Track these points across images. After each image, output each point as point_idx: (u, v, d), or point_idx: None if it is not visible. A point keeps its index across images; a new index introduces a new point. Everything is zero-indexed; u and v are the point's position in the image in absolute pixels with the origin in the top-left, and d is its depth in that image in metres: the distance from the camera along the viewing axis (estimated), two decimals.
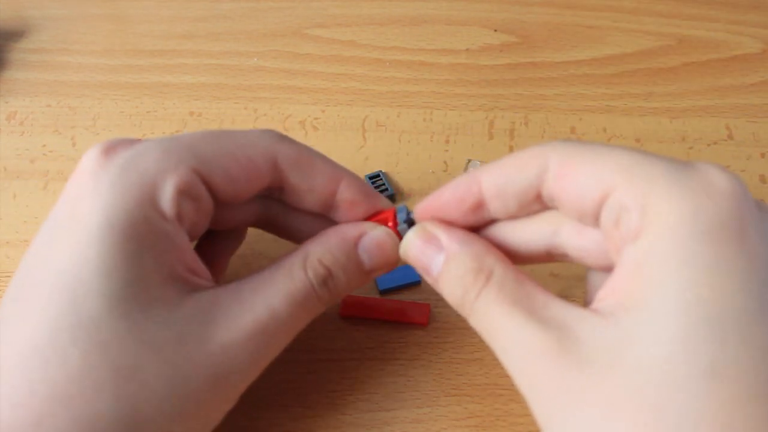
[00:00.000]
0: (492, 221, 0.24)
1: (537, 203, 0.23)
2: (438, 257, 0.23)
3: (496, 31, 0.44)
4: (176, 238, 0.22)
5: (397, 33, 0.44)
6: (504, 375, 0.29)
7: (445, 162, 0.37)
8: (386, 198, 0.27)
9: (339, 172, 0.26)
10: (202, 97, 0.40)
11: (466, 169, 0.36)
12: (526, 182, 0.22)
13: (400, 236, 0.25)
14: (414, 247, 0.24)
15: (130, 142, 0.24)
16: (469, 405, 0.28)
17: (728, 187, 0.20)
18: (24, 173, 0.37)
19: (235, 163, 0.24)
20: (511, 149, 0.37)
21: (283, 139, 0.25)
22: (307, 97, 0.40)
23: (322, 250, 0.25)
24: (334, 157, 0.37)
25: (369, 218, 0.26)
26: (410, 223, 0.25)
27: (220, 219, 0.25)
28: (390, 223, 0.26)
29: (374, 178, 0.35)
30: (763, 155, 0.37)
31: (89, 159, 0.23)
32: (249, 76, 0.41)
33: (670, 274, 0.19)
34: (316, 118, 0.39)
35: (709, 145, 0.37)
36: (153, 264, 0.22)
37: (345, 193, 0.26)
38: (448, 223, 0.24)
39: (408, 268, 0.30)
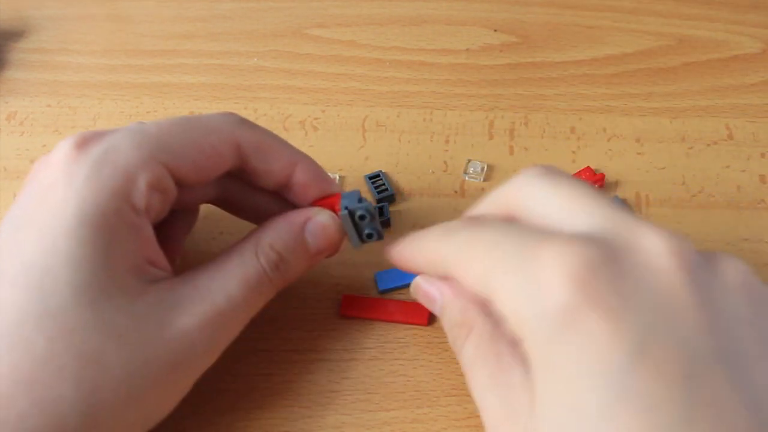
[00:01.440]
0: None
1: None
2: (438, 303, 0.26)
3: (496, 31, 0.44)
4: (143, 231, 0.24)
5: (397, 33, 0.44)
6: None
7: (445, 162, 0.37)
8: (337, 183, 0.29)
9: (295, 156, 0.27)
10: (202, 97, 0.40)
11: (466, 169, 0.36)
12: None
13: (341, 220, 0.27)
14: (420, 292, 0.27)
15: (101, 135, 0.24)
16: (469, 405, 0.28)
17: (570, 269, 0.20)
18: (24, 173, 0.37)
19: (201, 153, 0.25)
20: (511, 149, 0.37)
21: (244, 123, 0.27)
22: (307, 97, 0.40)
23: (272, 236, 0.26)
24: (334, 157, 0.37)
25: (317, 201, 0.28)
26: (353, 212, 0.27)
27: (180, 200, 0.26)
28: (335, 207, 0.27)
29: (374, 178, 0.35)
30: (763, 155, 0.37)
31: (62, 151, 0.24)
32: (249, 76, 0.41)
33: (541, 376, 0.20)
34: (316, 118, 0.39)
35: (708, 145, 0.37)
36: (120, 255, 0.23)
37: (299, 176, 0.27)
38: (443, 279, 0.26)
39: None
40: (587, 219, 0.22)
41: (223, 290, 0.24)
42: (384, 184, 0.35)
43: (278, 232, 0.26)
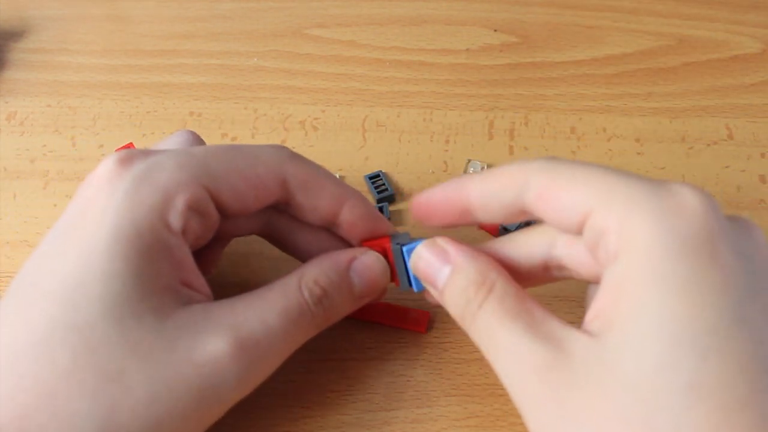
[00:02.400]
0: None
1: (522, 215, 0.24)
2: (444, 269, 0.24)
3: (496, 31, 0.44)
4: (178, 251, 0.23)
5: (397, 33, 0.44)
6: None
7: (445, 162, 0.37)
8: (388, 221, 0.28)
9: (344, 194, 0.26)
10: (202, 97, 0.40)
11: (466, 169, 0.36)
12: (508, 199, 0.23)
13: (393, 259, 0.26)
14: (422, 259, 0.25)
15: (146, 154, 0.24)
16: (469, 405, 0.28)
17: (699, 206, 0.20)
18: (24, 173, 0.37)
19: (244, 181, 0.24)
20: (511, 149, 0.37)
21: (294, 157, 0.26)
22: (307, 97, 0.40)
23: (317, 272, 0.25)
24: (334, 157, 0.37)
25: (366, 242, 0.27)
26: (406, 249, 0.26)
27: (225, 229, 0.26)
28: (386, 248, 0.27)
29: (374, 178, 0.35)
30: (763, 155, 0.37)
31: (105, 167, 0.23)
32: (249, 76, 0.41)
33: (647, 294, 0.20)
34: (316, 118, 0.39)
35: (709, 145, 0.37)
36: (153, 275, 0.22)
37: (347, 215, 0.26)
38: (456, 240, 0.25)
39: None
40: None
41: (261, 318, 0.23)
42: (384, 184, 0.35)
43: (323, 269, 0.26)
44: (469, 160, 0.36)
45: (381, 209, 0.33)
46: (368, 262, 0.26)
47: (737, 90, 0.40)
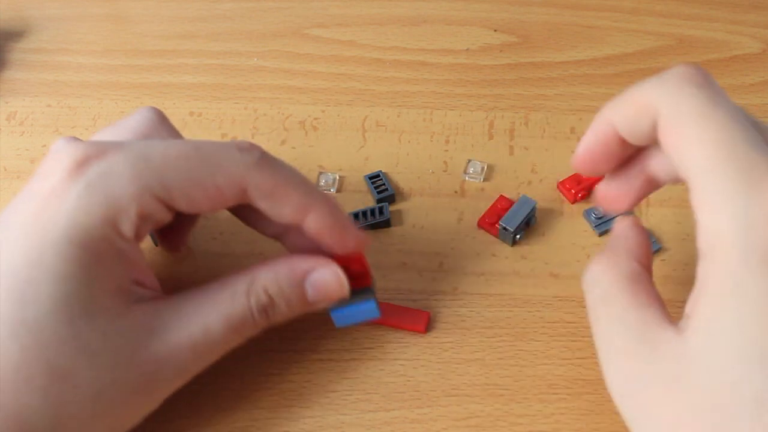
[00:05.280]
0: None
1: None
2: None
3: (496, 31, 0.44)
4: (130, 254, 0.24)
5: (397, 33, 0.44)
6: (504, 375, 0.29)
7: (445, 162, 0.37)
8: (356, 230, 0.27)
9: (309, 203, 0.25)
10: (202, 97, 0.40)
11: (466, 169, 0.36)
12: (646, 129, 0.23)
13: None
14: (618, 225, 0.27)
15: (101, 154, 0.23)
16: (469, 405, 0.28)
17: None
18: (24, 173, 0.37)
19: (201, 191, 0.24)
20: (511, 149, 0.37)
21: (260, 164, 0.25)
22: (307, 97, 0.40)
23: (269, 279, 0.25)
24: (334, 157, 0.37)
25: (336, 257, 0.26)
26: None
27: (188, 214, 0.26)
28: (352, 266, 0.26)
29: (374, 178, 0.35)
30: None
31: (61, 165, 0.23)
32: (249, 76, 0.41)
33: (723, 303, 0.20)
34: (316, 118, 0.39)
35: None
36: (105, 277, 0.23)
37: (311, 224, 0.25)
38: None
39: (365, 307, 0.28)
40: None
41: (204, 323, 0.24)
42: (384, 184, 0.35)
43: (276, 276, 0.25)
44: (469, 160, 0.36)
45: (381, 209, 0.33)
46: (326, 278, 0.26)
47: (737, 90, 0.40)
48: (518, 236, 0.32)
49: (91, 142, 0.24)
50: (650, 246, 0.26)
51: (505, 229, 0.32)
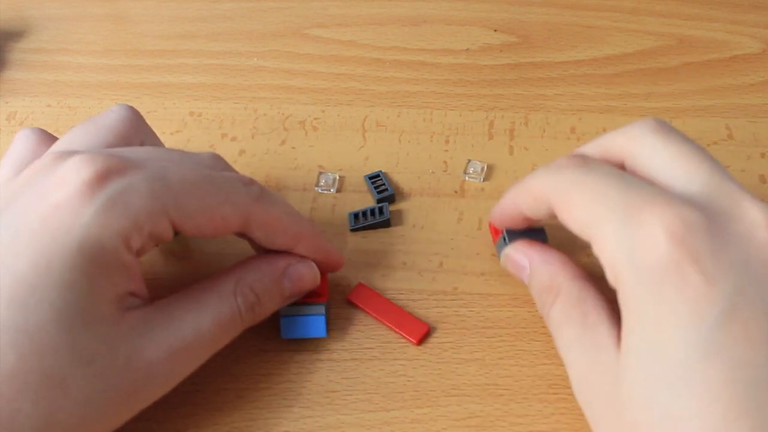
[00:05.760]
0: None
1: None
2: (525, 272, 0.28)
3: (496, 31, 0.44)
4: (133, 267, 0.24)
5: (397, 33, 0.44)
6: (504, 375, 0.29)
7: (445, 162, 0.37)
8: (337, 252, 0.30)
9: (300, 233, 0.28)
10: (202, 97, 0.40)
11: (466, 169, 0.36)
12: (544, 211, 0.26)
13: None
14: (509, 260, 0.29)
15: (123, 170, 0.24)
16: (469, 405, 0.28)
17: (662, 236, 0.21)
18: None
19: (209, 219, 0.25)
20: (511, 149, 0.37)
21: (261, 198, 0.27)
22: (307, 97, 0.40)
23: (253, 278, 0.27)
24: (334, 157, 0.37)
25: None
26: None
27: None
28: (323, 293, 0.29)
29: (374, 178, 0.35)
30: (763, 155, 0.37)
31: (80, 176, 0.23)
32: (249, 76, 0.41)
33: (635, 325, 0.22)
34: (316, 118, 0.39)
35: (709, 145, 0.37)
36: (107, 288, 0.23)
37: (300, 250, 0.28)
38: (534, 245, 0.29)
39: (313, 321, 0.29)
40: (693, 180, 0.23)
41: (195, 326, 0.25)
42: (384, 184, 0.35)
43: (260, 275, 0.27)
44: (469, 160, 0.36)
45: (381, 209, 0.33)
46: (302, 271, 0.28)
47: (737, 90, 0.40)
48: None
49: (110, 156, 0.24)
50: (558, 253, 0.28)
51: (504, 240, 0.30)
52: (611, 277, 0.23)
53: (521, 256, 0.29)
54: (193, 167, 0.26)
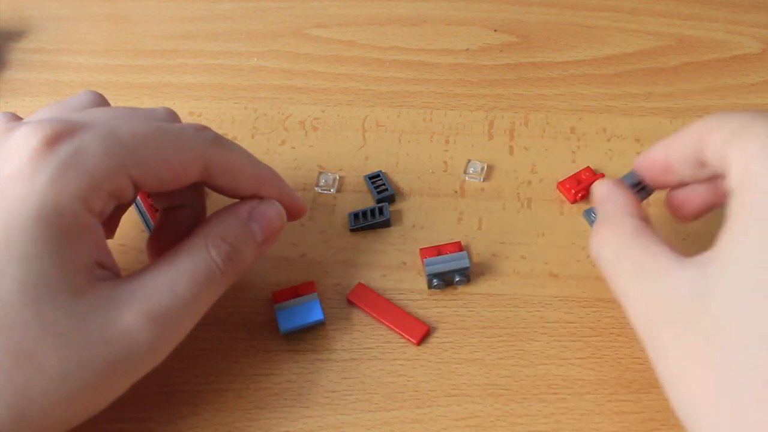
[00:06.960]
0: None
1: (704, 168, 0.25)
2: (600, 199, 0.28)
3: (496, 31, 0.44)
4: (95, 232, 0.23)
5: (397, 33, 0.44)
6: (504, 375, 0.29)
7: (444, 162, 0.37)
8: (298, 195, 0.30)
9: (261, 175, 0.28)
10: (202, 97, 0.40)
11: (466, 169, 0.36)
12: (691, 155, 0.25)
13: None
14: (597, 190, 0.28)
15: (72, 132, 0.23)
16: (469, 405, 0.28)
17: None
18: None
19: (169, 169, 0.25)
20: (511, 149, 0.37)
21: (216, 142, 0.26)
22: (307, 97, 0.40)
23: (221, 228, 0.26)
24: (334, 157, 0.37)
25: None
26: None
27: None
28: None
29: (374, 178, 0.35)
30: None
31: (29, 145, 0.23)
32: (249, 76, 0.41)
33: (749, 234, 0.21)
34: (316, 118, 0.39)
35: None
36: (71, 256, 0.22)
37: (265, 195, 0.28)
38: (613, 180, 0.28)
39: (311, 309, 0.30)
40: None
41: (170, 287, 0.24)
42: (384, 184, 0.35)
43: (227, 224, 0.27)
44: (469, 160, 0.36)
45: (381, 209, 0.34)
46: (266, 210, 0.28)
47: (737, 90, 0.40)
48: (435, 282, 0.31)
49: (57, 120, 0.24)
50: (636, 196, 0.28)
51: (429, 276, 0.31)
52: (736, 180, 0.22)
53: (600, 186, 0.28)
54: (144, 121, 0.26)
